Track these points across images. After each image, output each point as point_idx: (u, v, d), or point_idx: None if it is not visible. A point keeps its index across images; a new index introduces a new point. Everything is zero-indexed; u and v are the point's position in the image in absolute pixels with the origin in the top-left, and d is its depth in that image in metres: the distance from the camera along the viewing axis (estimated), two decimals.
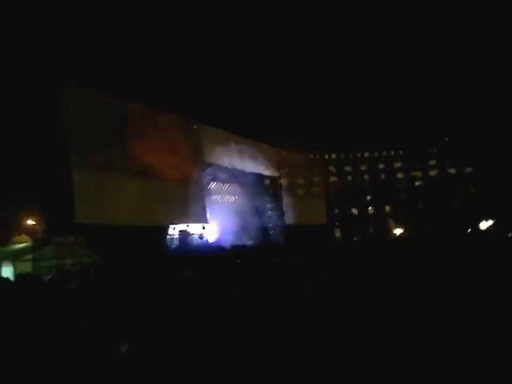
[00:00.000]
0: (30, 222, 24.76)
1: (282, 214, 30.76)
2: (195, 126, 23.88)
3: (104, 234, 16.60)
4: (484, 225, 37.21)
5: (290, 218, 30.86)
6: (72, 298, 7.25)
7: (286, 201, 31.36)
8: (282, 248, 23.37)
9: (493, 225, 35.44)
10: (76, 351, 4.97)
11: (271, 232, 30.76)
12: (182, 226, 24.47)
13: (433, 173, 55.42)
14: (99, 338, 5.15)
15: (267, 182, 31.70)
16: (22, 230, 23.71)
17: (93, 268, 13.26)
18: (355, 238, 43.47)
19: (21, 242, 21.11)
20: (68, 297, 7.66)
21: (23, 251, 18.82)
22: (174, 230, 24.41)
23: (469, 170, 53.03)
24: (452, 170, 54.42)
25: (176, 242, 24.42)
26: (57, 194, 15.94)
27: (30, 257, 17.41)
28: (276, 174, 31.32)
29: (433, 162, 55.86)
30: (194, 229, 25.16)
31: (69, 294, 7.88)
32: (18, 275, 12.00)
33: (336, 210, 48.62)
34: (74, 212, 15.47)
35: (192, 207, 22.75)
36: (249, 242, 26.84)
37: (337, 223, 48.14)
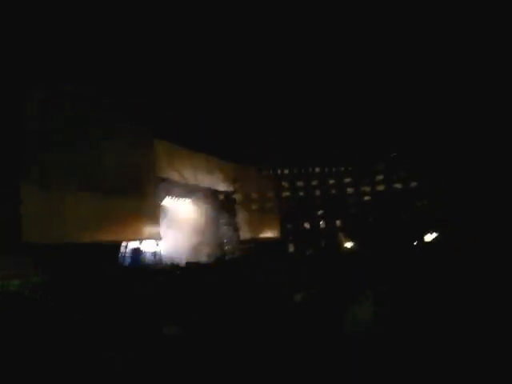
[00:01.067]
0: None
1: (236, 229, 30.80)
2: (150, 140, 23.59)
3: (53, 253, 15.89)
4: (429, 237, 38.96)
5: (244, 233, 30.95)
6: (23, 319, 6.93)
7: (241, 216, 31.46)
8: (237, 263, 23.36)
9: (437, 237, 37.17)
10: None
11: (226, 248, 30.69)
12: (134, 244, 23.89)
13: (380, 188, 57.71)
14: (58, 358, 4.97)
15: (221, 197, 31.70)
16: None
17: (42, 288, 12.68)
18: (308, 252, 44.13)
19: None
20: (18, 318, 7.31)
21: None
22: (125, 248, 23.76)
23: (414, 184, 55.74)
24: (398, 185, 56.95)
25: (128, 260, 23.75)
26: (1, 212, 15.14)
27: None
28: (231, 189, 31.39)
29: (380, 178, 58.22)
30: (147, 246, 24.64)
31: (19, 316, 7.52)
32: None
33: (289, 225, 49.28)
34: (21, 230, 14.75)
35: (145, 224, 22.29)
36: (203, 259, 26.61)
37: (290, 237, 48.74)
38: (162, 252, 25.43)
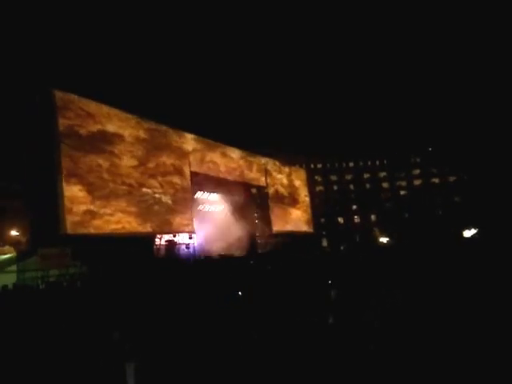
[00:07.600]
0: (14, 232, 24.34)
1: (269, 223, 30.77)
2: (181, 136, 23.99)
3: (90, 246, 16.39)
4: (468, 233, 37.70)
5: (276, 227, 30.90)
6: (65, 306, 7.18)
7: (273, 209, 31.41)
8: (270, 257, 23.33)
9: (477, 233, 35.87)
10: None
11: (258, 241, 30.72)
12: (168, 236, 24.26)
13: (417, 182, 56.10)
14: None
15: (254, 190, 31.72)
16: (6, 241, 23.30)
17: (80, 278, 13.10)
18: (342, 247, 43.57)
19: (4, 254, 20.71)
20: (59, 305, 7.57)
21: (7, 262, 18.47)
22: (160, 240, 24.16)
23: (452, 179, 53.89)
24: (436, 180, 55.21)
25: (163, 252, 24.13)
26: (43, 205, 15.72)
27: (14, 268, 17.09)
28: (263, 184, 31.38)
29: (417, 172, 56.62)
30: (181, 238, 24.96)
31: (60, 302, 7.80)
32: (2, 287, 11.74)
33: (322, 219, 48.78)
34: (61, 223, 15.29)
35: (179, 217, 22.63)
36: (236, 252, 26.74)
37: (323, 232, 48.22)
38: (196, 245, 25.70)
